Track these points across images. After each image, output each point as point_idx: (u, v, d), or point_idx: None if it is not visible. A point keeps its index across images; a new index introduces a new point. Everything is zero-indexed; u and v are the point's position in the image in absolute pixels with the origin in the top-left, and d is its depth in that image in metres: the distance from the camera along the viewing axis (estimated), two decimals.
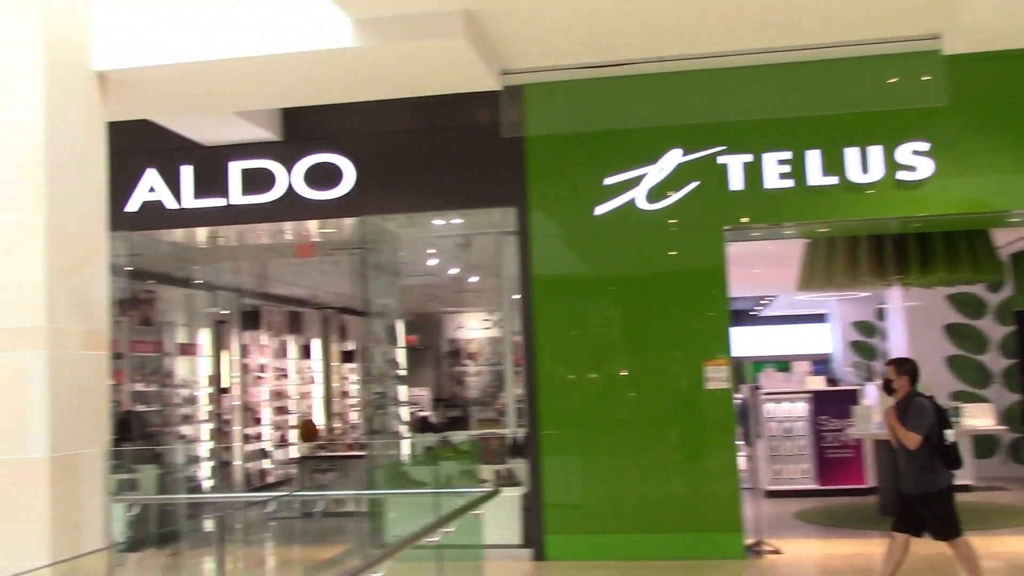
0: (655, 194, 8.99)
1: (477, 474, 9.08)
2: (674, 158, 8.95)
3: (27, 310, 5.68)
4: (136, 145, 8.70)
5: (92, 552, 5.88)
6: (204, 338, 13.76)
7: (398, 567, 4.40)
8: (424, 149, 9.46)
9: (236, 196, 9.39)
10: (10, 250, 5.72)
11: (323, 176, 9.35)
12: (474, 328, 19.57)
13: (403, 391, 11.50)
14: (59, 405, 5.75)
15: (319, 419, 16.73)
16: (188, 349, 13.35)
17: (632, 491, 8.94)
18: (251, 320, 14.99)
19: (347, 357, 18.35)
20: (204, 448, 13.43)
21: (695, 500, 8.83)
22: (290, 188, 9.37)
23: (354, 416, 17.92)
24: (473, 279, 14.47)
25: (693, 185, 8.93)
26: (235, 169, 9.36)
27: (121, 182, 6.74)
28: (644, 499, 8.91)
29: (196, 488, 12.35)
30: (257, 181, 9.37)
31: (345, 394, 18.18)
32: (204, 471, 13.42)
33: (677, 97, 8.85)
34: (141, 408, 11.72)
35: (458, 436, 10.67)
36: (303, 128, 9.40)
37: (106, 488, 6.23)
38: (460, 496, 5.93)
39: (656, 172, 8.96)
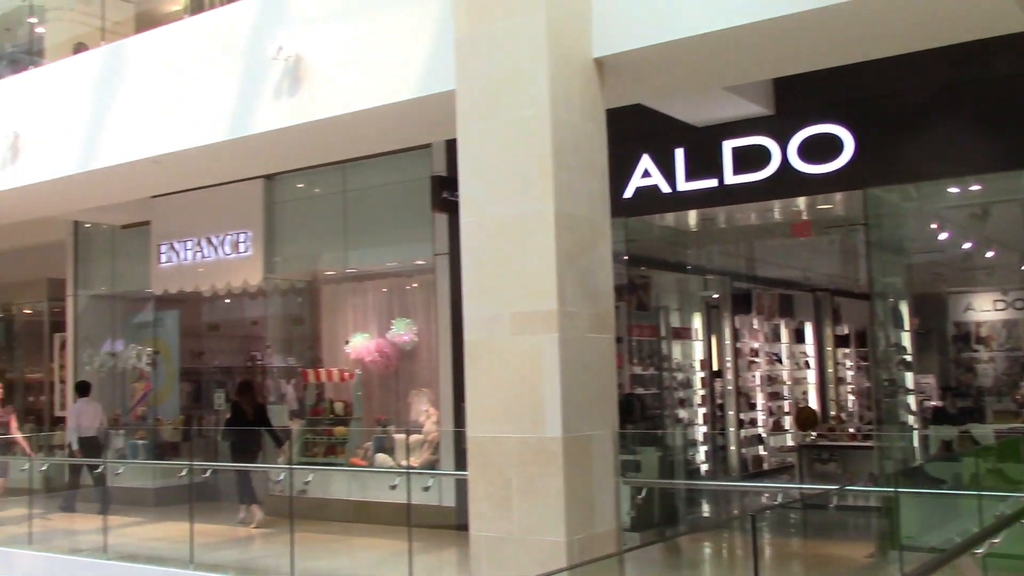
0: None
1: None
2: None
3: (540, 294, 5.90)
4: (631, 131, 8.80)
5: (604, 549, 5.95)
6: (697, 322, 13.79)
7: None
8: (933, 109, 8.50)
9: (729, 176, 9.16)
10: (522, 237, 5.98)
11: (820, 148, 8.78)
12: (985, 309, 17.61)
13: (909, 378, 10.56)
14: (570, 387, 5.91)
15: (815, 406, 16.07)
16: (681, 333, 13.46)
17: None
18: (742, 304, 14.77)
19: (841, 341, 17.43)
20: (700, 432, 13.46)
21: None
22: (784, 164, 8.92)
23: (852, 403, 16.99)
24: (989, 254, 12.94)
25: None
26: (727, 148, 9.13)
27: (618, 169, 6.81)
28: None
29: (695, 472, 12.39)
30: (750, 159, 9.05)
31: (840, 380, 17.29)
32: (701, 455, 13.46)
33: None
34: (640, 391, 11.99)
35: (981, 430, 9.53)
36: (796, 99, 8.89)
37: (616, 469, 6.32)
38: (1002, 500, 5.15)
39: None
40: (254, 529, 10.83)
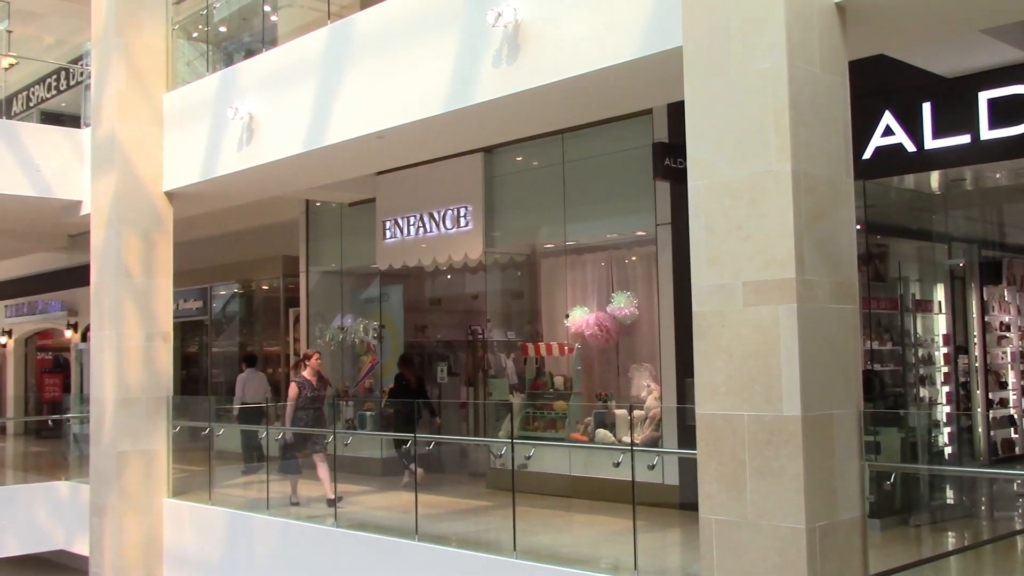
0: None
1: None
2: None
3: (775, 261, 5.47)
4: (871, 85, 8.09)
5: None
6: (939, 294, 12.75)
7: None
8: None
9: (984, 131, 8.25)
10: (757, 200, 5.54)
11: None
12: None
13: None
14: (810, 361, 5.45)
15: None
16: (922, 305, 12.47)
17: None
18: (991, 273, 13.53)
19: None
20: (942, 412, 12.46)
21: None
22: None
23: None
24: None
25: None
26: (983, 100, 8.22)
27: (855, 128, 6.18)
28: None
29: (938, 455, 11.47)
30: (1011, 111, 8.09)
31: None
32: (943, 437, 12.46)
33: None
34: (878, 367, 11.18)
35: None
36: None
37: (860, 452, 5.80)
38: None
39: None
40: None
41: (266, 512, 10.42)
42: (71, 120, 16.22)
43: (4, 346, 25.43)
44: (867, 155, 8.87)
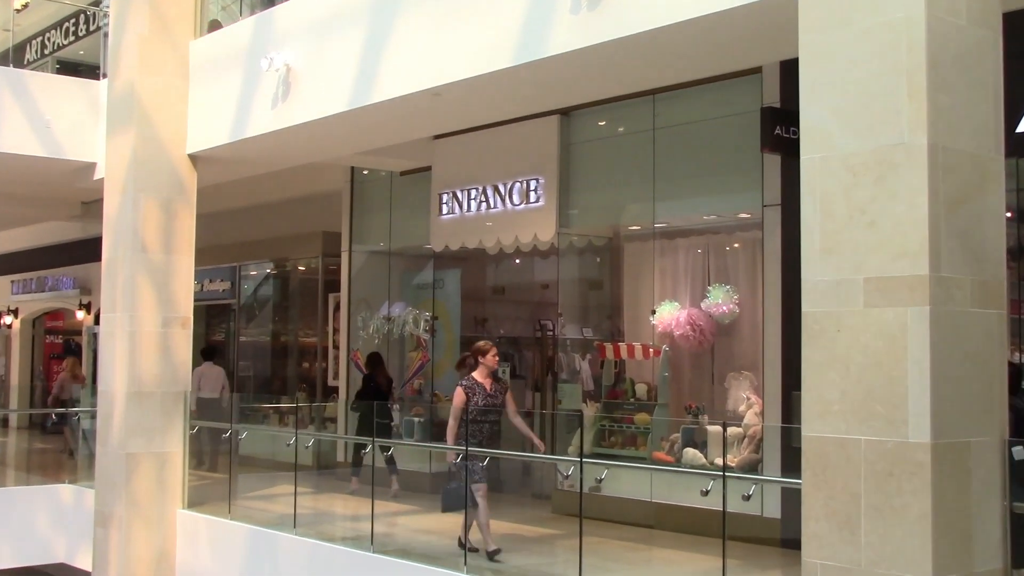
0: None
1: None
2: None
3: (905, 254, 5.30)
4: None
5: None
6: None
7: None
8: None
9: None
10: (884, 178, 5.37)
11: None
12: None
13: None
14: (944, 377, 5.28)
15: None
16: None
17: None
18: None
19: None
20: None
21: None
22: None
23: None
24: None
25: None
26: None
27: (1008, 95, 5.95)
28: None
29: None
30: None
31: None
32: None
33: None
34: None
35: None
36: None
37: (1004, 489, 5.59)
38: None
39: None
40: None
41: (293, 531, 10.47)
42: (90, 71, 16.47)
43: (9, 327, 26.07)
44: (1022, 128, 8.58)
